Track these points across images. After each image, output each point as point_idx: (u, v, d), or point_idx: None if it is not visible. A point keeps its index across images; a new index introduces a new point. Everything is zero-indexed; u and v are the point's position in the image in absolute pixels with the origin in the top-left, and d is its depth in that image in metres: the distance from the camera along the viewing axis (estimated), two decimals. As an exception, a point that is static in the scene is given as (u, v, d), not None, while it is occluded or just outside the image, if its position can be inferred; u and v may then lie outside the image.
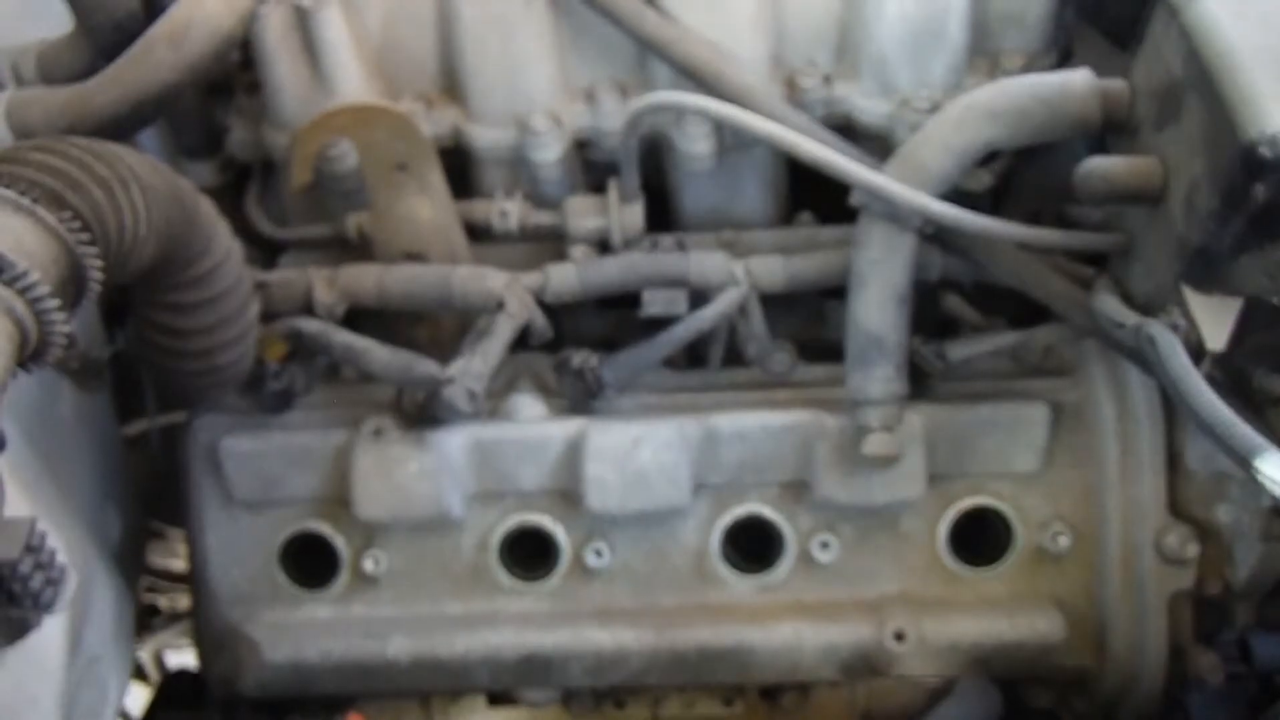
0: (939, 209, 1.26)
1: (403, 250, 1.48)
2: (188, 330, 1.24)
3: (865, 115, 1.48)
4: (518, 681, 1.50)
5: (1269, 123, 0.97)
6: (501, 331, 1.40)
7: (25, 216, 0.93)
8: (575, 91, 1.53)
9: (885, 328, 1.34)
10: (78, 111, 1.26)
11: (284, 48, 1.46)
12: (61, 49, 1.38)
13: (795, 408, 1.46)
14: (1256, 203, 0.99)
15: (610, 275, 1.44)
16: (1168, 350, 1.07)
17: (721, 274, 1.44)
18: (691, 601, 1.49)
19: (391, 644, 1.46)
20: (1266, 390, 1.27)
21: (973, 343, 1.45)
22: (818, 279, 1.46)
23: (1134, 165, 1.16)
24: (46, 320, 0.90)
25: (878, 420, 1.37)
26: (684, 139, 1.47)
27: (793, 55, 1.49)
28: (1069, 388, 1.47)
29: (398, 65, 1.54)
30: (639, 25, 1.41)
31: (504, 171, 1.57)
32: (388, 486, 1.43)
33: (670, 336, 1.44)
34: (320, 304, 1.45)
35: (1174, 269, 1.13)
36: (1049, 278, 1.35)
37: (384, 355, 1.42)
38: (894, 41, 1.43)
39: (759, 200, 1.60)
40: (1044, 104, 1.24)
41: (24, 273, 0.88)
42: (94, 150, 1.05)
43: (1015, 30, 1.47)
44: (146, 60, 1.25)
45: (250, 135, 1.58)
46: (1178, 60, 1.11)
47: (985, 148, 1.28)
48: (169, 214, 1.11)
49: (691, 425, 1.45)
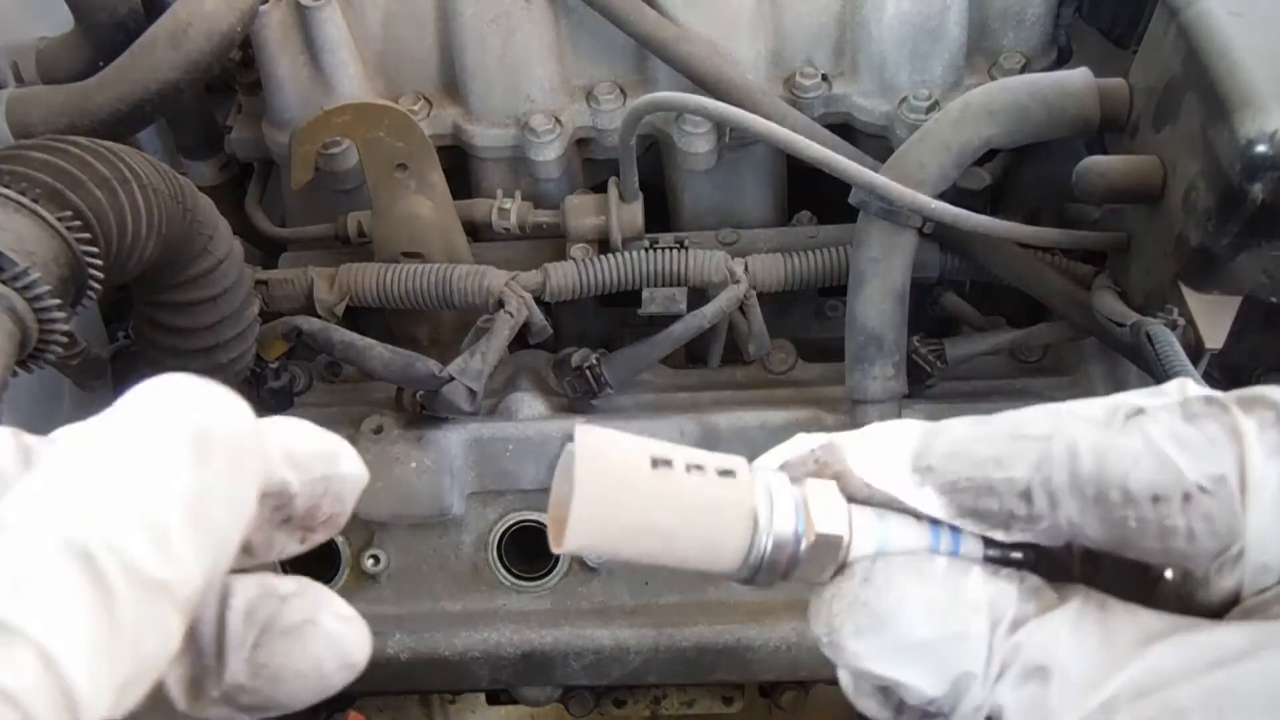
0: (938, 208, 1.26)
1: (402, 249, 1.48)
2: (188, 329, 1.25)
3: (864, 114, 1.49)
4: (517, 679, 1.50)
5: (1268, 122, 0.97)
6: (501, 330, 1.40)
7: (25, 215, 0.93)
8: (575, 90, 1.53)
9: (884, 326, 1.34)
10: (78, 110, 1.26)
11: (284, 46, 1.47)
12: (61, 47, 1.38)
13: (794, 406, 1.46)
14: (1255, 202, 0.99)
15: (609, 274, 1.44)
16: (1166, 349, 1.07)
17: (721, 272, 1.44)
18: (691, 599, 1.49)
19: (391, 642, 1.46)
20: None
21: (972, 341, 1.45)
22: (817, 278, 1.46)
23: (1133, 164, 1.16)
24: (46, 319, 0.90)
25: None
26: (683, 138, 1.47)
27: (792, 54, 1.50)
28: (1068, 387, 1.47)
29: (398, 64, 1.54)
30: (638, 25, 1.41)
31: (504, 170, 1.58)
32: (387, 485, 1.43)
33: (670, 335, 1.45)
34: (320, 302, 1.45)
35: (1172, 268, 1.13)
36: (1048, 276, 1.35)
37: (384, 354, 1.42)
38: (893, 41, 1.43)
39: (758, 199, 1.60)
40: (1043, 103, 1.24)
41: (24, 271, 0.88)
42: (94, 149, 1.05)
43: (1014, 29, 1.48)
44: (147, 59, 1.25)
45: (250, 134, 1.58)
46: (1176, 59, 1.11)
47: (984, 146, 1.28)
48: (169, 213, 1.11)
49: (691, 423, 1.45)
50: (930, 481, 0.45)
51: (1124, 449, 0.41)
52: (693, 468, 0.45)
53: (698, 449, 0.46)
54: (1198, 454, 0.40)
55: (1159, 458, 0.40)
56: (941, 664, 0.43)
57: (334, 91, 1.49)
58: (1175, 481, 0.40)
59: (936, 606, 0.43)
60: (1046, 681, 0.41)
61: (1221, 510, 0.40)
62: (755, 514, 0.45)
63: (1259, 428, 0.40)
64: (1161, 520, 0.40)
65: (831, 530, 0.46)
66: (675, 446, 0.46)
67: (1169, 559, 0.42)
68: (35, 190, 0.95)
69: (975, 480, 0.43)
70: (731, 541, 0.45)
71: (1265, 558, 0.40)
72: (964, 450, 0.44)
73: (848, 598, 0.45)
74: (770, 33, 1.47)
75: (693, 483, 0.45)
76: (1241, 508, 0.40)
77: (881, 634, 0.44)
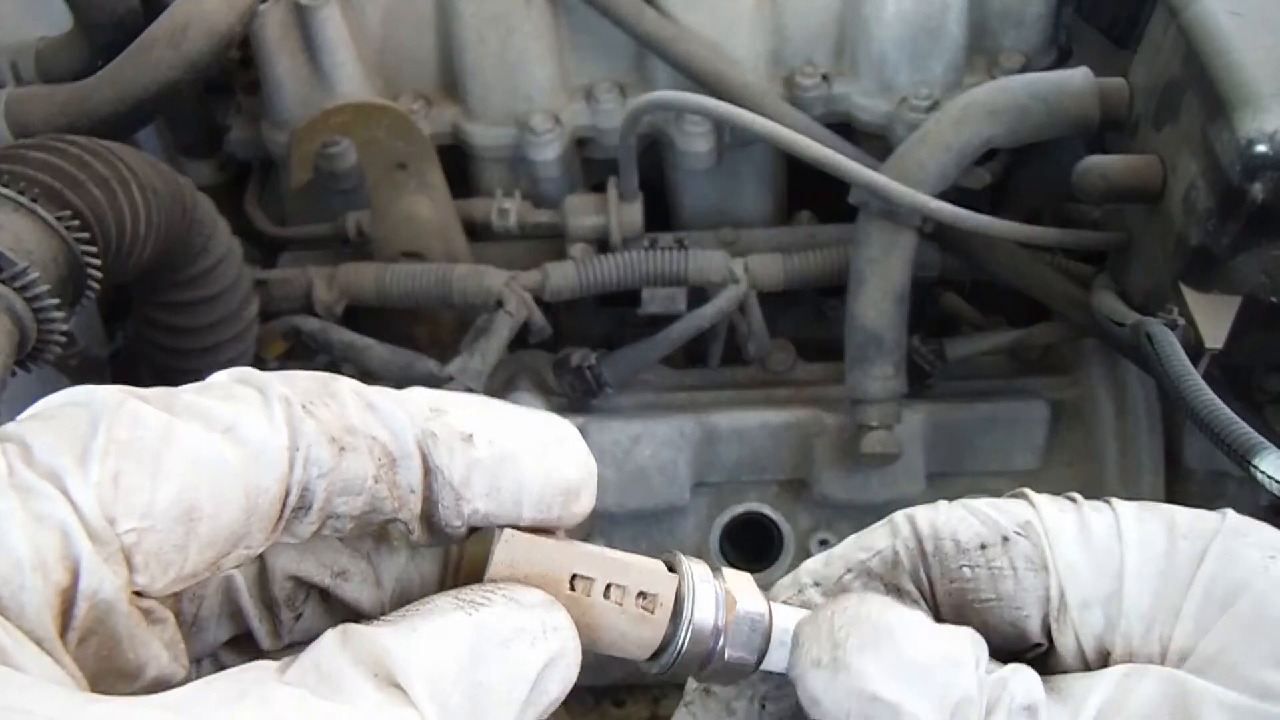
0: (938, 207, 1.26)
1: (402, 248, 1.48)
2: (187, 328, 1.24)
3: (864, 114, 1.49)
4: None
5: (1268, 122, 0.97)
6: (500, 330, 1.40)
7: (24, 214, 0.93)
8: (574, 90, 1.53)
9: (884, 326, 1.34)
10: (77, 109, 1.26)
11: (283, 46, 1.46)
12: (61, 47, 1.38)
13: (794, 406, 1.46)
14: (1254, 202, 0.99)
15: (609, 273, 1.44)
16: (1166, 348, 1.07)
17: (720, 272, 1.44)
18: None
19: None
20: (1265, 389, 1.27)
21: (972, 341, 1.45)
22: (817, 277, 1.46)
23: (1132, 164, 1.16)
24: (45, 318, 0.90)
25: (877, 418, 1.37)
26: (683, 137, 1.47)
27: (792, 54, 1.49)
28: (1068, 386, 1.47)
29: (397, 63, 1.54)
30: (638, 24, 1.41)
31: (503, 170, 1.58)
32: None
33: (669, 335, 1.44)
34: (320, 302, 1.45)
35: (1172, 267, 1.13)
36: (1048, 276, 1.35)
37: (383, 353, 1.42)
38: (893, 40, 1.43)
39: (758, 198, 1.60)
40: (1043, 102, 1.24)
41: (23, 270, 0.88)
42: (93, 148, 1.05)
43: (1014, 29, 1.48)
44: (146, 58, 1.25)
45: (249, 134, 1.58)
46: (1176, 59, 1.11)
47: (984, 146, 1.28)
48: (168, 212, 1.11)
49: (690, 423, 1.45)
50: (819, 593, 0.51)
51: (950, 514, 0.51)
52: (614, 588, 0.45)
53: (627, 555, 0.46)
54: (1008, 512, 0.51)
55: (980, 516, 0.50)
56: (942, 690, 0.44)
57: (333, 91, 1.48)
58: (995, 529, 0.50)
59: (931, 630, 0.46)
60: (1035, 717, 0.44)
61: (1034, 549, 0.49)
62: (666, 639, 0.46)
63: (1048, 499, 0.52)
64: (990, 563, 0.49)
65: (754, 608, 0.47)
66: (604, 556, 0.46)
67: (1005, 608, 0.49)
68: (34, 190, 0.95)
69: (854, 568, 0.51)
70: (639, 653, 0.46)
71: (1081, 592, 0.48)
72: (831, 557, 0.52)
73: (849, 612, 0.46)
74: (770, 32, 1.47)
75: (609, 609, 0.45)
76: (1048, 545, 0.49)
77: (886, 651, 0.44)
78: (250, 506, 0.40)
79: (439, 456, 0.43)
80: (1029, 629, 0.49)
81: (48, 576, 0.35)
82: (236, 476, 0.39)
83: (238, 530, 0.40)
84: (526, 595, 0.43)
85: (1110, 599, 0.48)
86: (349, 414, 0.42)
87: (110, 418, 0.38)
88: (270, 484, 0.40)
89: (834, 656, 0.45)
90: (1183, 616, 0.47)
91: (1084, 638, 0.48)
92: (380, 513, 0.43)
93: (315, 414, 0.41)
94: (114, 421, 0.38)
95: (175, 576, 0.39)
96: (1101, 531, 0.49)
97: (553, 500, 0.45)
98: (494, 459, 0.44)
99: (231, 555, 0.40)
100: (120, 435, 0.38)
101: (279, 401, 0.41)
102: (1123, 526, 0.49)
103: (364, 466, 0.42)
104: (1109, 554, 0.48)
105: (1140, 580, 0.48)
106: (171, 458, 0.38)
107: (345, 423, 0.42)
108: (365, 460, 0.42)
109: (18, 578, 0.35)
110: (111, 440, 0.37)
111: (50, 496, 0.36)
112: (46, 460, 0.37)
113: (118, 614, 0.37)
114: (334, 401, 0.42)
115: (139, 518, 0.37)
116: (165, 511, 0.38)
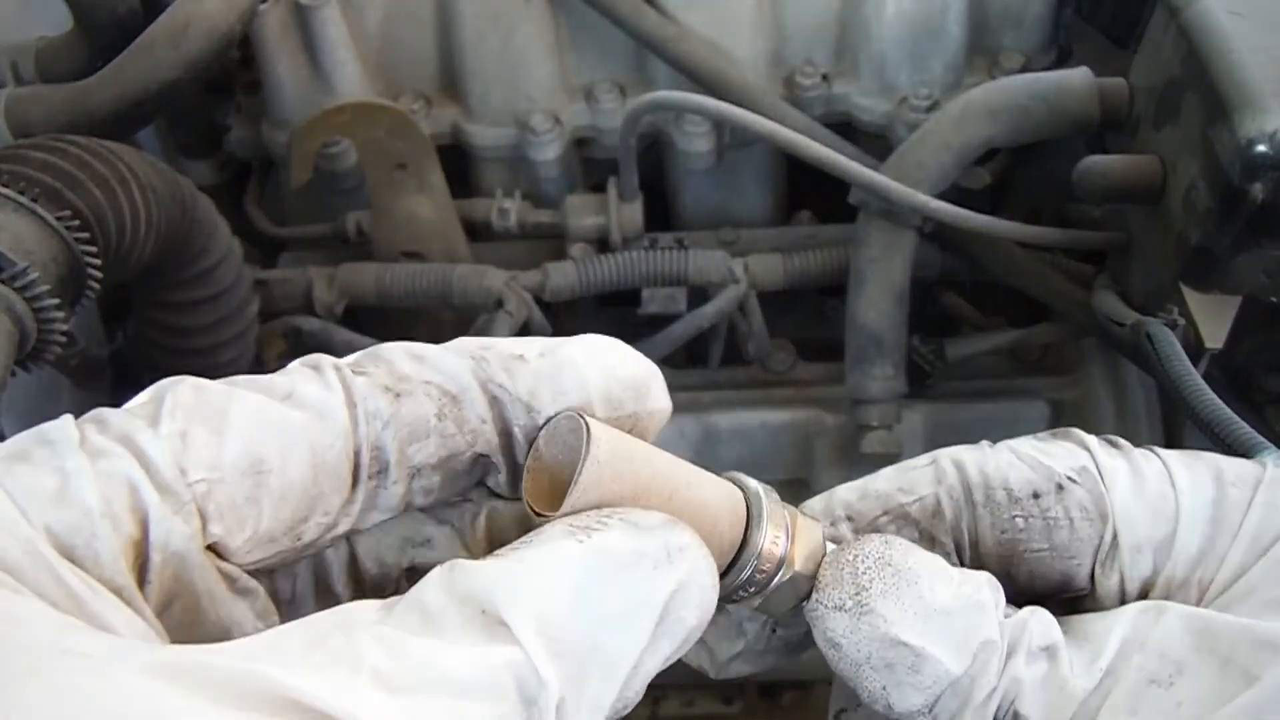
0: (938, 207, 1.26)
1: (402, 249, 1.48)
2: (187, 328, 1.24)
3: (864, 114, 1.49)
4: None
5: (1268, 122, 0.97)
6: (500, 330, 1.40)
7: (24, 214, 0.93)
8: (574, 90, 1.53)
9: (884, 326, 1.34)
10: (77, 109, 1.25)
11: (283, 46, 1.46)
12: (61, 47, 1.38)
13: (794, 406, 1.46)
14: (1254, 202, 0.99)
15: (609, 273, 1.44)
16: (1166, 348, 1.07)
17: (721, 272, 1.44)
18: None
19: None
20: (1265, 389, 1.27)
21: (972, 341, 1.45)
22: (817, 277, 1.46)
23: (1133, 164, 1.16)
24: (45, 318, 0.90)
25: (877, 418, 1.37)
26: (683, 137, 1.47)
27: (792, 54, 1.49)
28: (1068, 386, 1.47)
29: (397, 63, 1.54)
30: (638, 24, 1.41)
31: (503, 170, 1.58)
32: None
33: (669, 335, 1.44)
34: (320, 302, 1.45)
35: (1172, 267, 1.13)
36: (1048, 276, 1.35)
37: (383, 353, 1.42)
38: (893, 40, 1.43)
39: (758, 198, 1.60)
40: (1043, 102, 1.24)
41: (23, 270, 0.88)
42: (93, 148, 1.05)
43: (1014, 29, 1.48)
44: (146, 58, 1.25)
45: (249, 133, 1.58)
46: (1176, 59, 1.10)
47: (984, 146, 1.28)
48: (168, 212, 1.11)
49: (691, 423, 1.44)
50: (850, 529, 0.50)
51: (998, 459, 0.49)
52: (698, 466, 0.46)
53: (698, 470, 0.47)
54: (1059, 457, 0.49)
55: (1029, 461, 0.49)
56: (965, 634, 0.44)
57: (333, 91, 1.49)
58: (1048, 476, 0.48)
59: (952, 575, 0.46)
60: (1056, 658, 0.44)
61: (1091, 496, 0.48)
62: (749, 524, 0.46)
63: (1096, 440, 0.50)
64: (1044, 513, 0.48)
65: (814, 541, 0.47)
66: (680, 469, 0.46)
67: (1057, 558, 0.48)
68: (34, 190, 0.95)
69: (892, 512, 0.49)
70: (723, 538, 0.45)
71: (1135, 537, 0.47)
72: (869, 492, 0.50)
73: (872, 556, 0.46)
74: (770, 32, 1.47)
75: (697, 471, 0.45)
76: (1105, 490, 0.48)
77: (909, 595, 0.45)
78: (317, 462, 0.40)
79: (499, 378, 0.43)
80: (1078, 576, 0.49)
81: (119, 527, 0.36)
82: (300, 431, 0.40)
83: (309, 489, 0.40)
84: (645, 517, 0.40)
85: (1162, 544, 0.48)
86: (398, 366, 0.43)
87: (175, 389, 0.40)
88: (334, 439, 0.41)
89: (857, 601, 0.45)
90: (1227, 562, 0.47)
91: (1129, 581, 0.48)
92: (457, 455, 0.43)
93: (367, 372, 0.43)
94: (179, 391, 0.40)
95: (252, 533, 0.39)
96: (1154, 477, 0.49)
97: (622, 395, 0.45)
98: (553, 366, 0.44)
99: (311, 522, 0.41)
100: (186, 400, 0.40)
101: (331, 369, 0.42)
102: (1173, 472, 0.49)
103: (423, 407, 0.42)
104: (1164, 499, 0.48)
105: (1191, 526, 0.48)
106: (236, 416, 0.40)
107: (397, 373, 0.43)
108: (423, 401, 0.42)
109: (89, 526, 0.36)
110: (178, 404, 0.40)
111: (119, 455, 0.37)
112: (119, 426, 0.38)
113: (192, 567, 0.38)
114: (382, 360, 0.44)
115: (208, 469, 0.38)
116: (233, 464, 0.39)
